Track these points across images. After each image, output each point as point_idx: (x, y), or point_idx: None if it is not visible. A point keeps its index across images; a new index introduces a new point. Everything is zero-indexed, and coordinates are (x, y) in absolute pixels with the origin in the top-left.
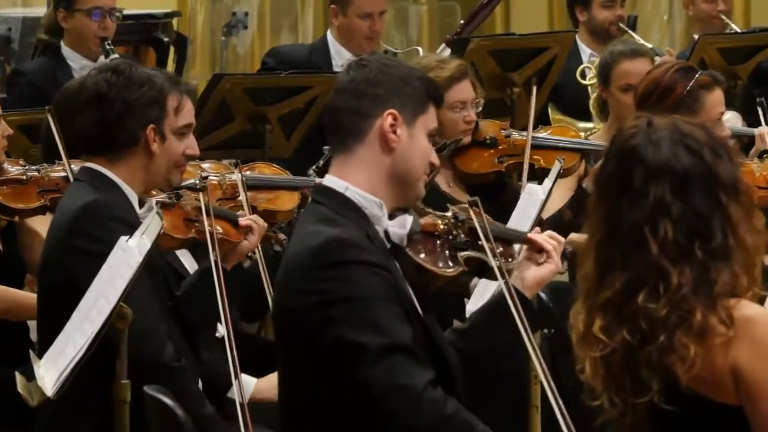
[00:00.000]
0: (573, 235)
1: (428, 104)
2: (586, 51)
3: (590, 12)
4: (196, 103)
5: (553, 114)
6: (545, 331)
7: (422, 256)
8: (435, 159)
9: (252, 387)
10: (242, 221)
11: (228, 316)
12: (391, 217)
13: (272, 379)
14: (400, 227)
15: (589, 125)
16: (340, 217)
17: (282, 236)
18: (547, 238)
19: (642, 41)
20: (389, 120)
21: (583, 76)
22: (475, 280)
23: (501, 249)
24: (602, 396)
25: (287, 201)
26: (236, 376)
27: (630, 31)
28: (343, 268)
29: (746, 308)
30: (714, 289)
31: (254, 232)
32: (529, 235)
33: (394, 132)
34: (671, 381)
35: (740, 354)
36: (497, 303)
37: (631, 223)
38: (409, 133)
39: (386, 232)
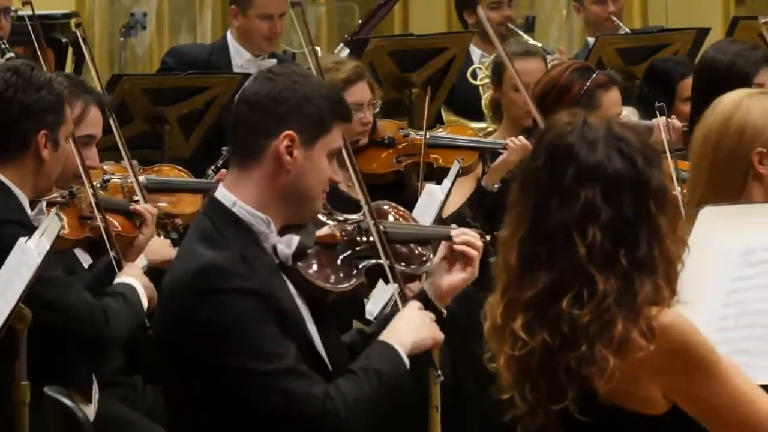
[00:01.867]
0: None
1: (332, 124)
2: (476, 52)
3: (478, 14)
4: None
5: (446, 115)
6: None
7: (314, 271)
8: (336, 176)
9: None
10: (133, 207)
11: None
12: (285, 232)
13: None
14: (286, 246)
15: (482, 125)
16: (221, 236)
17: (179, 221)
18: (471, 242)
19: (532, 41)
20: (286, 142)
21: (474, 76)
22: None
23: (416, 251)
24: (513, 391)
25: (189, 204)
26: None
27: (519, 32)
28: (217, 294)
29: (666, 317)
30: (637, 300)
31: (147, 222)
32: (452, 232)
33: (290, 154)
34: (588, 391)
35: (668, 365)
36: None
37: (559, 223)
38: (306, 154)
39: (275, 249)
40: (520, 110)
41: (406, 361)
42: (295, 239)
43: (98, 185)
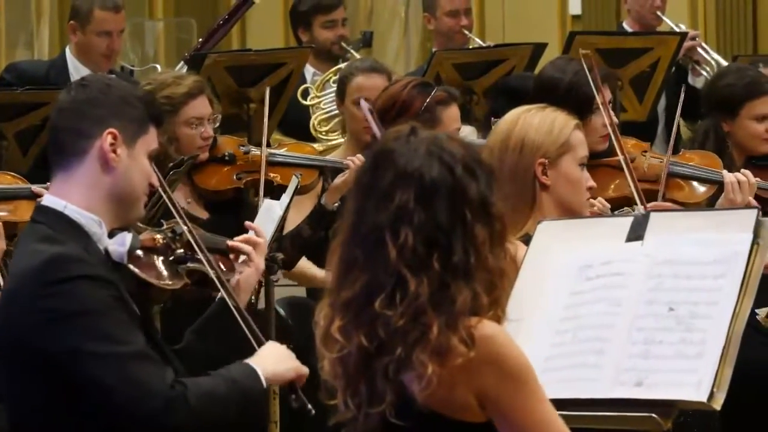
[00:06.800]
0: None
1: (149, 125)
2: (309, 70)
3: (312, 33)
4: None
5: (274, 134)
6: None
7: (145, 271)
8: (154, 180)
9: None
10: None
11: None
12: (111, 235)
13: None
14: (120, 245)
15: (315, 146)
16: (60, 235)
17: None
18: (247, 238)
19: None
20: (109, 139)
21: (305, 96)
22: None
23: (221, 260)
24: (338, 396)
25: (27, 210)
26: None
27: (352, 51)
28: (67, 283)
29: (487, 327)
30: (454, 307)
31: None
32: (228, 242)
33: (114, 151)
34: (406, 396)
35: (484, 375)
36: (207, 319)
37: (373, 225)
38: (129, 153)
39: (106, 250)
40: (359, 124)
41: (264, 383)
42: (128, 236)
43: None
